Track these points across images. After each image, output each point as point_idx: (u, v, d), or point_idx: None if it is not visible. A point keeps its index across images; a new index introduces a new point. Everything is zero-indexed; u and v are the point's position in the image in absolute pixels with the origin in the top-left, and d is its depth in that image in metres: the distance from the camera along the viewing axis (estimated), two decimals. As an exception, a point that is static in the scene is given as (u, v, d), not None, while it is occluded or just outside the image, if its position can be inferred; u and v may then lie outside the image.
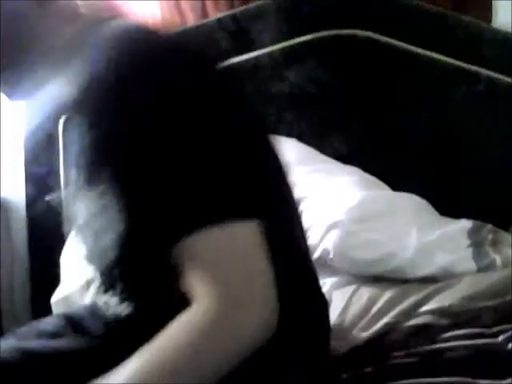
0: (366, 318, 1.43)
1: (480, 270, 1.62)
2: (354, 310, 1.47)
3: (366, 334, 1.36)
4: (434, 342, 1.22)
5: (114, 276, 0.97)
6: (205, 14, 2.03)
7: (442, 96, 1.98)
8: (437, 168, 1.99)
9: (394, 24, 1.98)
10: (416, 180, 1.95)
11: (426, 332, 1.27)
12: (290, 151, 1.86)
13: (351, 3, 1.99)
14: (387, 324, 1.37)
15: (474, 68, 1.97)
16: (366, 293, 1.53)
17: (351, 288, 1.56)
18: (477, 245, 1.68)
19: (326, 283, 1.59)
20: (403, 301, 1.45)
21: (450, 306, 1.38)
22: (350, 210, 1.67)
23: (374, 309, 1.46)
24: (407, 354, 1.18)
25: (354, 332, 1.40)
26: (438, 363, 1.14)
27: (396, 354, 1.20)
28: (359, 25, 1.98)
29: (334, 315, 1.47)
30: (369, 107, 2.00)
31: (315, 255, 1.63)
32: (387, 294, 1.50)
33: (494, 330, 1.30)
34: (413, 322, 1.35)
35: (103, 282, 1.02)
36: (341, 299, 1.53)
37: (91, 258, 1.02)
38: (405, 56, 1.98)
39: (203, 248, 0.83)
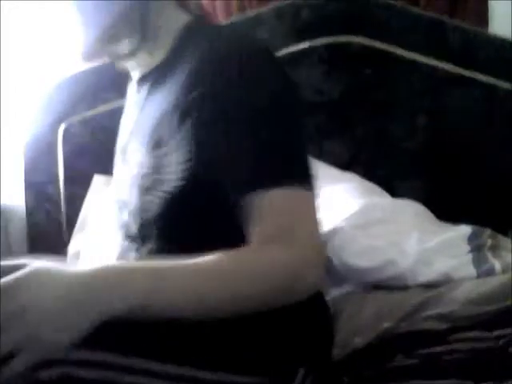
0: (366, 324, 1.44)
1: (480, 275, 1.62)
2: (354, 316, 1.48)
3: (366, 339, 1.37)
4: (435, 346, 1.22)
5: (151, 230, 1.04)
6: (203, 22, 2.04)
7: (439, 101, 1.99)
8: (435, 173, 1.99)
9: (390, 30, 1.99)
10: (415, 186, 1.96)
11: (427, 336, 1.27)
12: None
13: (348, 10, 2.00)
14: (387, 329, 1.38)
15: (470, 73, 1.98)
16: (365, 299, 1.54)
17: (351, 295, 1.57)
18: (477, 250, 1.68)
19: (328, 292, 1.60)
20: (403, 306, 1.46)
21: (450, 312, 1.38)
22: (350, 217, 1.68)
23: (374, 314, 1.46)
24: (408, 357, 1.19)
25: (354, 337, 1.41)
26: (438, 366, 1.14)
27: (398, 357, 1.20)
28: (357, 31, 1.99)
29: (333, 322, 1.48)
30: (366, 113, 2.01)
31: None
32: (387, 300, 1.51)
33: (495, 333, 1.30)
34: (413, 327, 1.35)
35: (137, 240, 1.07)
36: (340, 306, 1.54)
37: (133, 214, 1.08)
38: (402, 62, 1.99)
39: (273, 204, 0.92)
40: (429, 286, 1.56)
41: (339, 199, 1.75)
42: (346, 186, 1.82)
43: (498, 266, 1.64)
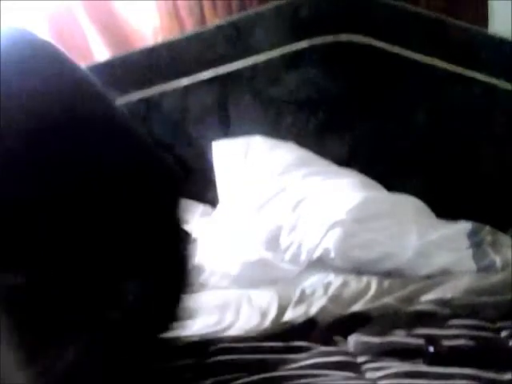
0: (365, 297, 1.45)
1: (480, 270, 1.63)
2: (353, 288, 1.50)
3: (363, 307, 1.38)
4: (436, 328, 1.22)
5: None
6: (203, 20, 2.04)
7: (439, 100, 2.00)
8: (434, 172, 2.00)
9: (390, 29, 2.00)
10: (413, 184, 1.96)
11: (429, 318, 1.27)
12: (288, 154, 1.90)
13: (348, 9, 2.01)
14: (386, 304, 1.38)
15: (470, 72, 1.98)
16: (364, 278, 1.56)
17: (350, 276, 1.59)
18: (477, 246, 1.70)
19: (328, 277, 1.60)
20: (403, 288, 1.47)
21: (451, 298, 1.38)
22: (350, 210, 1.68)
23: (373, 290, 1.48)
24: (409, 335, 1.18)
25: (353, 306, 1.42)
26: (441, 350, 1.13)
27: (398, 332, 1.19)
28: (357, 30, 1.99)
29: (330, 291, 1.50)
30: (366, 111, 2.02)
31: (316, 254, 1.65)
32: (386, 282, 1.53)
33: (497, 325, 1.29)
34: (414, 308, 1.35)
35: None
36: (338, 280, 1.56)
37: None
38: (402, 61, 1.99)
39: None
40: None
41: (340, 193, 1.76)
42: (346, 180, 1.83)
43: (498, 261, 1.65)
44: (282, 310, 1.43)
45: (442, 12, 2.01)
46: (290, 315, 1.39)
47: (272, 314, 1.40)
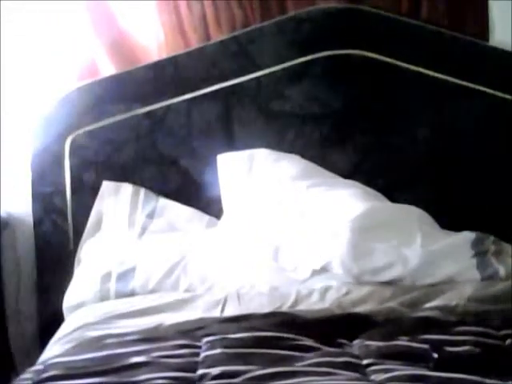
0: (370, 302, 1.46)
1: (483, 279, 1.65)
2: (355, 295, 1.51)
3: (369, 310, 1.39)
4: (440, 334, 1.22)
5: None
6: (207, 35, 2.07)
7: (439, 112, 2.02)
8: (436, 184, 2.01)
9: (391, 43, 2.02)
10: (416, 196, 1.97)
11: (433, 324, 1.28)
12: (292, 167, 1.92)
13: (350, 24, 2.04)
14: (390, 308, 1.39)
15: (471, 85, 2.00)
16: (368, 285, 1.57)
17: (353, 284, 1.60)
18: (480, 255, 1.71)
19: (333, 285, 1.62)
20: (407, 294, 1.48)
21: (455, 305, 1.39)
22: (354, 219, 1.70)
23: (376, 297, 1.49)
24: (414, 340, 1.19)
25: (356, 308, 1.43)
26: (445, 356, 1.14)
27: (402, 337, 1.20)
28: (358, 44, 2.02)
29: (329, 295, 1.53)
30: (368, 124, 2.04)
31: (320, 264, 1.66)
32: (390, 288, 1.54)
33: (502, 333, 1.30)
34: (418, 314, 1.36)
35: None
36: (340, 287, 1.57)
37: None
38: (402, 74, 2.02)
39: None
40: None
41: (343, 203, 1.78)
42: (350, 191, 1.85)
43: (502, 270, 1.67)
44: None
45: (443, 25, 2.04)
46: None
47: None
